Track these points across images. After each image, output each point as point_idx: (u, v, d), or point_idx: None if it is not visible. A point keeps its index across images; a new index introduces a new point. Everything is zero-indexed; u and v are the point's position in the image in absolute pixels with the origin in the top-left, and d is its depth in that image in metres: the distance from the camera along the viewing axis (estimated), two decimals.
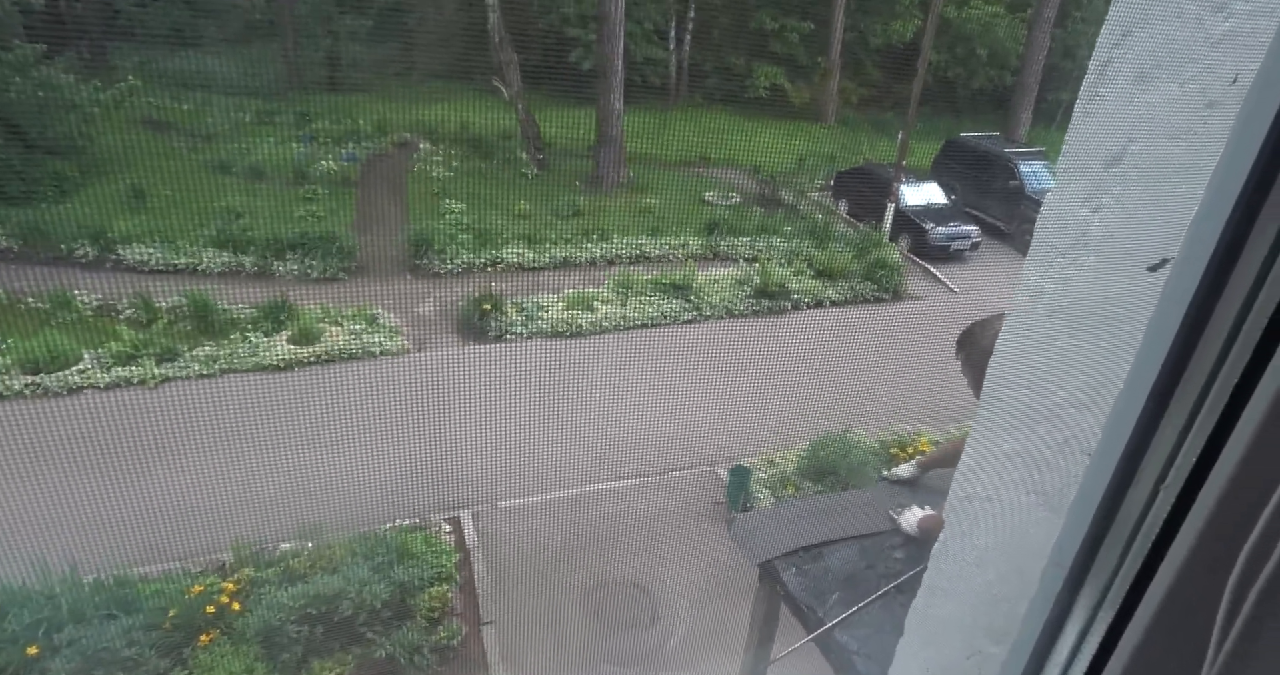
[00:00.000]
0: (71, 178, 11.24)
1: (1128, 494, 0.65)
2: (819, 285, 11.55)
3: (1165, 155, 0.65)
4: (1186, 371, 0.60)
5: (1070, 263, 0.74)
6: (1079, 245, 0.73)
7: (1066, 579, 0.69)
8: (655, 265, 11.71)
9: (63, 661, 4.73)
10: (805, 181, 15.64)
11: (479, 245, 11.42)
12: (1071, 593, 0.70)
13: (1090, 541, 0.68)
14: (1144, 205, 0.67)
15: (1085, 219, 0.72)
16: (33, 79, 11.02)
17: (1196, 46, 0.60)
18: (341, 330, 9.19)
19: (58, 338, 8.26)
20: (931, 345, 9.22)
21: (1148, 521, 0.62)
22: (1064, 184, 0.74)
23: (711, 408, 8.55)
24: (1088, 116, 0.71)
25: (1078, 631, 0.69)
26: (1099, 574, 0.67)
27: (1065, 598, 0.70)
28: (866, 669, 1.87)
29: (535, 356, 9.35)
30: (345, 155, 13.75)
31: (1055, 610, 0.71)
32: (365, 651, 5.24)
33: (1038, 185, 14.62)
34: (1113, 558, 0.65)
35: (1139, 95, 0.66)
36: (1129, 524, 0.64)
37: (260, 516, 6.34)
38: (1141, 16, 0.64)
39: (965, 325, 2.22)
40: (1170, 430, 0.61)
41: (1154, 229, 0.65)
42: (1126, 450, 0.64)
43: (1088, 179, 0.71)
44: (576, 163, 15.03)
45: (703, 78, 20.30)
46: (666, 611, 6.12)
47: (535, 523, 6.93)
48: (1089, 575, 0.68)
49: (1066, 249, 0.74)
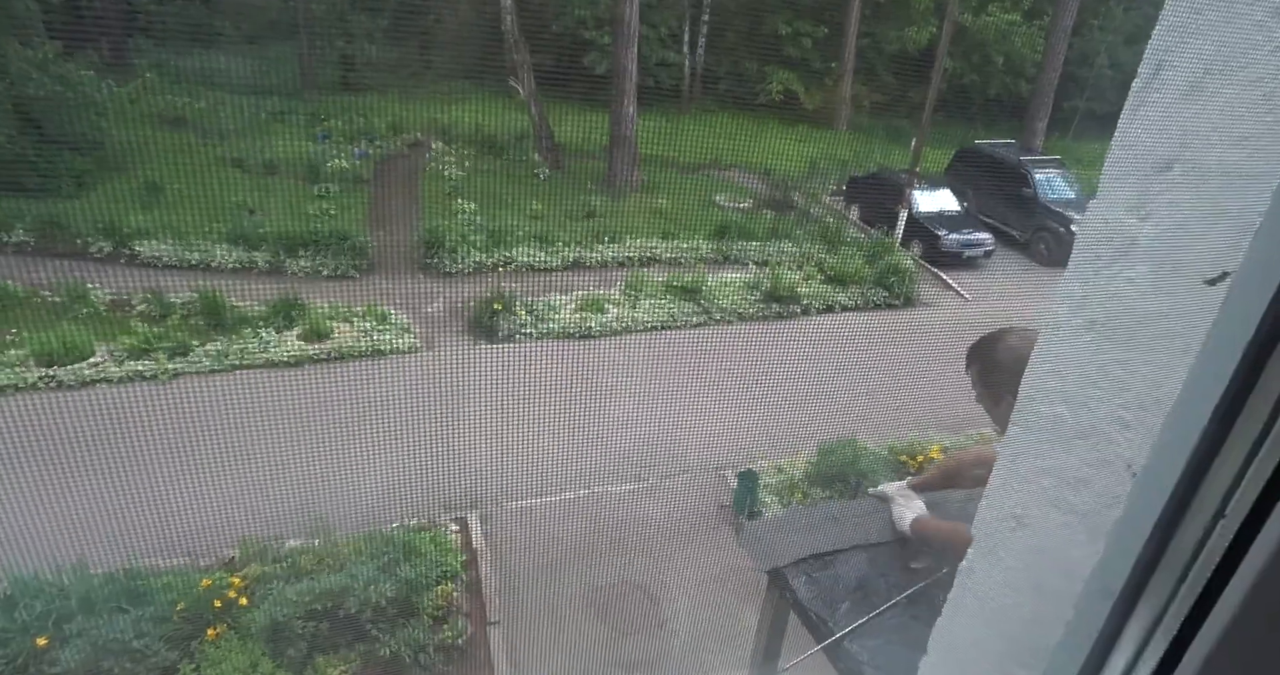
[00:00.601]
0: (88, 173, 11.32)
1: (1182, 522, 0.61)
2: (830, 290, 11.52)
3: (1223, 162, 0.62)
4: (1253, 393, 0.56)
5: (1116, 274, 0.70)
6: (1125, 255, 0.69)
7: (1113, 608, 0.66)
8: (666, 268, 11.70)
9: (72, 652, 4.76)
10: (817, 186, 15.60)
11: (491, 245, 11.44)
12: (1118, 623, 0.66)
13: (1139, 569, 0.64)
14: (1199, 214, 0.63)
15: (1133, 228, 0.69)
16: (52, 75, 11.14)
17: (1257, 51, 0.58)
18: (352, 328, 9.22)
19: (72, 331, 8.32)
20: (942, 352, 9.15)
21: (1204, 554, 0.59)
22: (1109, 191, 0.71)
23: (720, 411, 8.52)
24: (1136, 121, 0.68)
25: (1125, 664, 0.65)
26: (1149, 605, 0.64)
27: (1110, 627, 0.67)
28: None
29: (545, 357, 9.35)
30: (357, 153, 13.81)
31: (1100, 640, 0.67)
32: (370, 649, 5.24)
33: (1052, 194, 14.54)
34: (1165, 589, 0.62)
35: (1194, 100, 0.63)
36: (1184, 554, 0.61)
37: (268, 513, 6.35)
38: (1195, 20, 0.61)
39: (977, 333, 2.17)
40: (1233, 456, 0.57)
41: (1210, 239, 0.62)
42: (1183, 474, 0.61)
43: (1136, 186, 0.68)
44: (589, 164, 15.05)
45: (716, 82, 20.30)
46: (672, 616, 6.10)
47: (542, 524, 6.92)
48: (1138, 606, 0.65)
49: (1111, 259, 0.71)
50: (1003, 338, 2.04)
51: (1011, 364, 1.93)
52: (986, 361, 2.04)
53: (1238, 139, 0.60)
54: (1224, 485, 0.57)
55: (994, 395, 2.03)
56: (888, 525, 2.40)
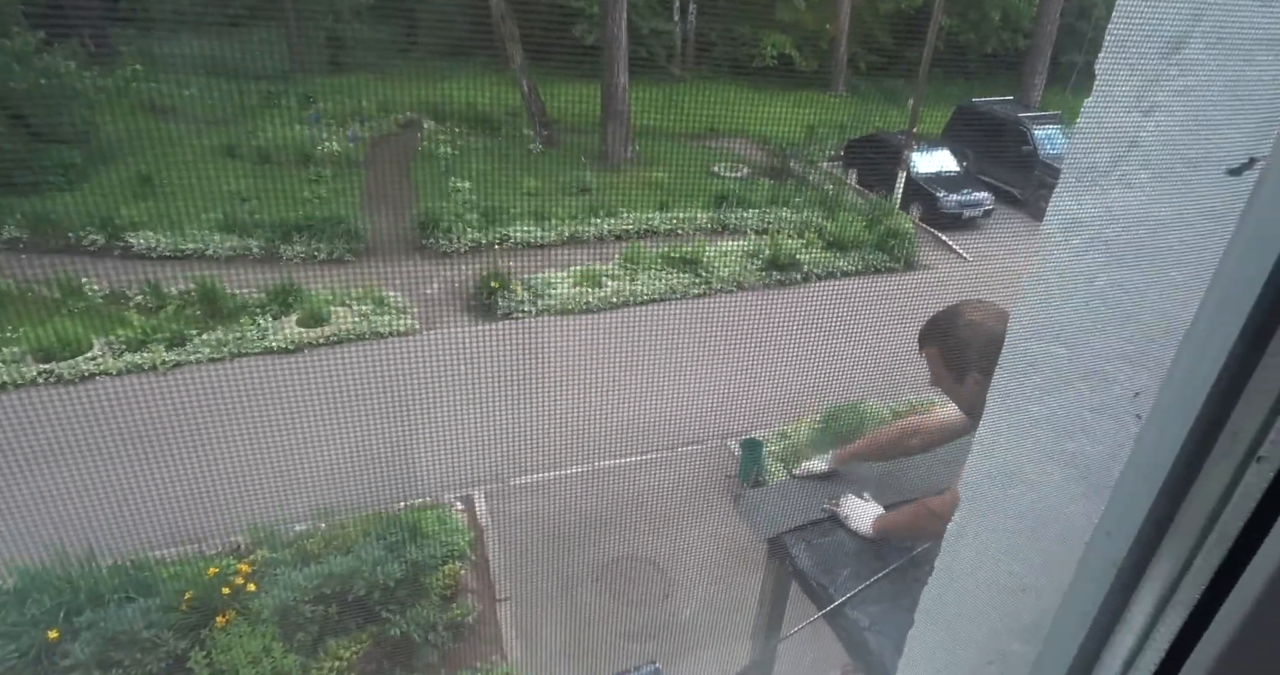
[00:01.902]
0: (77, 166, 11.20)
1: (1204, 468, 0.51)
2: (830, 256, 11.40)
3: (1247, 28, 0.51)
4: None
5: (1116, 181, 0.60)
6: (1126, 158, 0.59)
7: (1118, 574, 0.56)
8: (664, 239, 11.58)
9: (83, 644, 4.77)
10: (815, 152, 15.39)
11: (486, 224, 11.32)
12: (1124, 592, 0.56)
13: (1149, 529, 0.54)
14: (1217, 96, 0.53)
15: (1135, 124, 0.58)
16: (34, 67, 10.96)
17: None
18: (350, 312, 9.16)
19: (69, 326, 8.28)
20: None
21: (1233, 503, 0.48)
22: (1107, 86, 0.60)
23: (722, 381, 8.47)
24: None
25: (1136, 635, 0.55)
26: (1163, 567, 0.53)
27: (1115, 597, 0.57)
28: (878, 645, 1.81)
29: (544, 334, 9.29)
30: (350, 135, 13.64)
31: (1102, 612, 0.58)
32: (380, 630, 5.25)
33: (1052, 150, 14.32)
34: (1183, 548, 0.52)
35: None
36: (1206, 505, 0.50)
37: (274, 498, 6.35)
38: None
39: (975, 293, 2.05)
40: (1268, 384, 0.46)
41: (1232, 124, 0.51)
42: (1201, 414, 0.50)
43: (1139, 74, 0.57)
44: (583, 138, 14.85)
45: (709, 49, 19.94)
46: (679, 587, 6.10)
47: (547, 500, 6.92)
48: (1148, 572, 0.55)
49: (1110, 165, 0.60)
50: (960, 313, 1.90)
51: (974, 338, 1.83)
52: (946, 339, 1.92)
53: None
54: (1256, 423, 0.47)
55: (957, 375, 1.91)
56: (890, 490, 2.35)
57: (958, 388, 1.93)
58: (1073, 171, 0.62)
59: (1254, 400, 0.47)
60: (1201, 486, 0.51)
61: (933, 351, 1.98)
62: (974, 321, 1.85)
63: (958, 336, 1.88)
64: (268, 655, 4.85)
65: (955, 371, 1.90)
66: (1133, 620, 0.56)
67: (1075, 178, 0.62)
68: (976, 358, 1.82)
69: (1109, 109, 0.59)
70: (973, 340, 1.82)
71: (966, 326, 1.86)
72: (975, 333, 1.83)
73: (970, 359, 1.83)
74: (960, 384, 1.91)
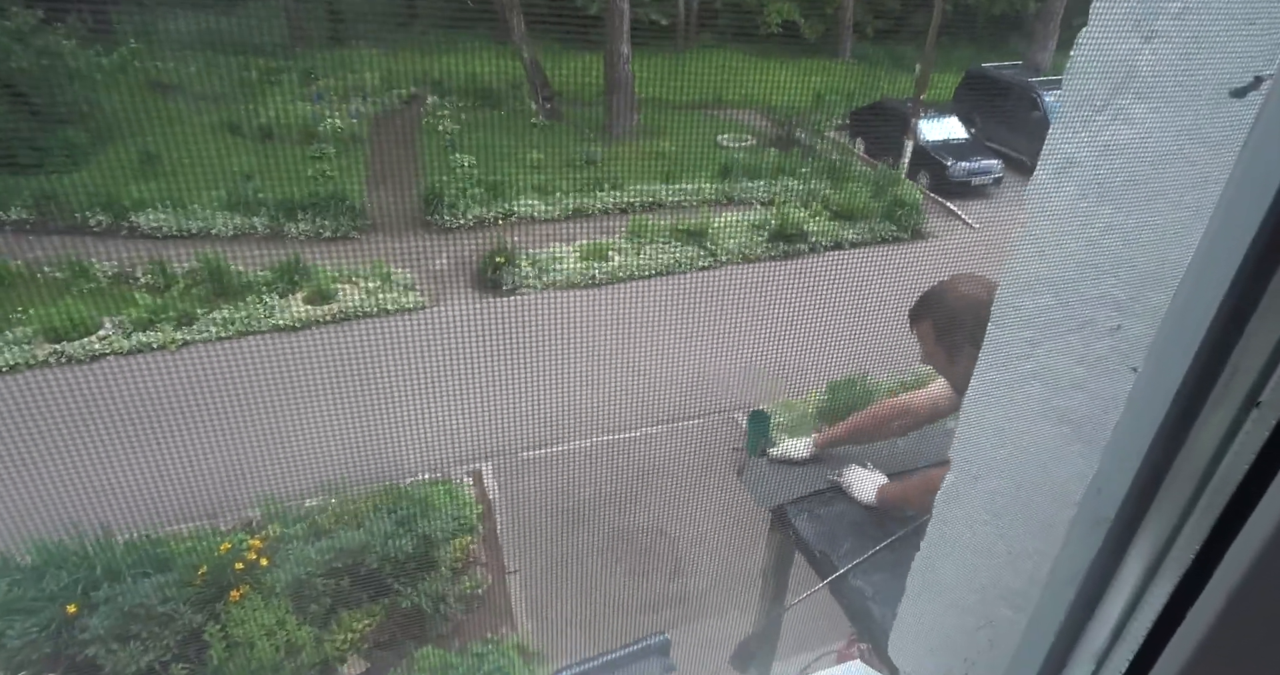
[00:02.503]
0: (81, 145, 11.17)
1: (1199, 418, 0.47)
2: (837, 226, 11.29)
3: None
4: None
5: (1113, 116, 0.55)
6: (1124, 89, 0.54)
7: (1109, 532, 0.53)
8: (670, 212, 11.49)
9: (100, 618, 4.85)
10: (821, 120, 15.18)
11: (491, 198, 11.26)
12: (1116, 550, 0.53)
13: (1143, 483, 0.51)
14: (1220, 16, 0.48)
15: (1133, 52, 0.53)
16: (34, 46, 10.89)
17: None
18: (356, 288, 9.16)
19: (77, 306, 8.31)
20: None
21: (1229, 456, 0.45)
22: (1103, 13, 0.55)
23: (730, 354, 8.45)
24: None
25: (1125, 600, 0.52)
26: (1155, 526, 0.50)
27: (1107, 555, 0.54)
28: (882, 615, 1.80)
29: (551, 308, 9.28)
30: (351, 112, 13.53)
31: (1093, 571, 0.54)
32: (392, 602, 5.32)
33: None
34: (1176, 505, 0.48)
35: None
36: (1201, 460, 0.47)
37: (285, 474, 6.41)
38: None
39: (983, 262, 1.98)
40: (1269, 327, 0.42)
41: (1237, 43, 0.47)
42: (1196, 360, 0.47)
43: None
44: (587, 110, 14.68)
45: (714, 16, 19.59)
46: (689, 559, 6.15)
47: (556, 473, 6.95)
48: (1141, 527, 0.51)
49: (1107, 99, 0.55)
50: (953, 286, 1.83)
51: (966, 313, 1.76)
52: (939, 314, 1.85)
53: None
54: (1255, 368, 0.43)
55: (949, 351, 1.84)
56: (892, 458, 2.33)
57: (950, 365, 1.88)
58: (1067, 108, 0.58)
59: (1253, 342, 0.43)
60: (1196, 437, 0.47)
61: (924, 328, 1.91)
62: (966, 295, 1.79)
63: (950, 311, 1.82)
64: (282, 628, 4.93)
65: (947, 348, 1.85)
66: (1123, 583, 0.53)
67: (1071, 115, 0.58)
68: (970, 333, 1.76)
69: (1107, 36, 0.55)
70: (965, 315, 1.76)
71: (959, 299, 1.80)
72: (968, 307, 1.77)
73: (963, 334, 1.77)
74: (953, 362, 1.85)
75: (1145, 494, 0.50)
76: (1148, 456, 0.49)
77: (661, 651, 2.54)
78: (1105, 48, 0.54)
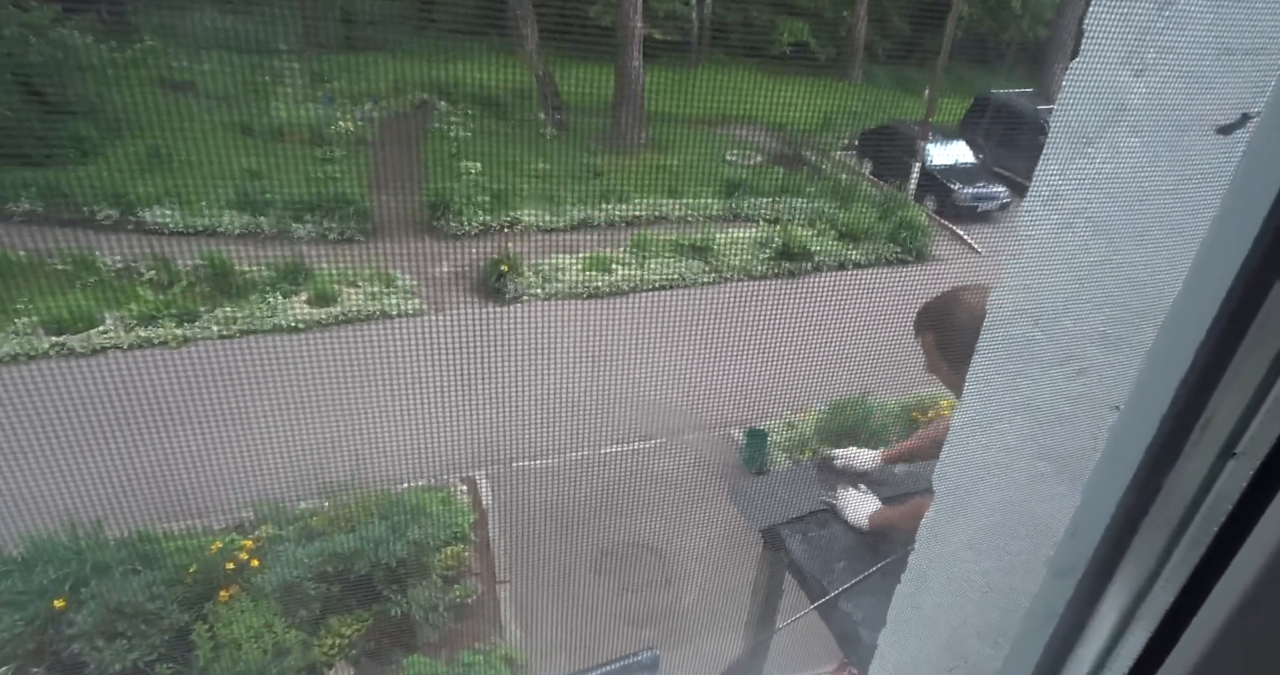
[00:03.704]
0: (91, 139, 11.23)
1: (1177, 463, 0.46)
2: (841, 246, 11.31)
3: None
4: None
5: (1102, 149, 0.55)
6: (1114, 122, 0.54)
7: (1087, 571, 0.52)
8: (675, 226, 11.51)
9: (87, 614, 4.83)
10: (829, 140, 15.24)
11: (496, 206, 11.29)
12: (1094, 590, 0.52)
13: (1120, 525, 0.50)
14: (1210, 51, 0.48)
15: (1124, 86, 0.53)
16: (50, 40, 10.97)
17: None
18: (359, 291, 9.17)
19: (81, 299, 8.33)
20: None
21: (1208, 503, 0.44)
22: (1094, 44, 0.55)
23: (730, 370, 8.44)
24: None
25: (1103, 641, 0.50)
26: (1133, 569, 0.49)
27: (1085, 596, 0.53)
28: (871, 639, 1.79)
29: (552, 318, 9.28)
30: (360, 115, 13.61)
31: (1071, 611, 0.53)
32: (382, 609, 5.29)
33: None
34: (1154, 549, 0.47)
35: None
36: (1180, 504, 0.46)
37: (279, 475, 6.39)
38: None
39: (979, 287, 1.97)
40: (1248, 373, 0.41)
41: (1226, 79, 0.47)
42: (1173, 406, 0.46)
43: (1129, 30, 0.53)
44: (596, 122, 14.75)
45: (726, 34, 19.72)
46: (680, 574, 6.11)
47: (551, 483, 6.93)
48: (1119, 569, 0.50)
49: (1098, 131, 0.55)
50: (958, 297, 1.82)
51: (971, 323, 1.76)
52: (943, 325, 1.84)
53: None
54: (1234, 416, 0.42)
55: (953, 362, 1.84)
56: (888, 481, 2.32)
57: (954, 376, 1.88)
58: (1057, 140, 0.58)
59: (1232, 389, 0.43)
60: (1174, 484, 0.47)
61: (928, 338, 1.91)
62: (972, 304, 1.79)
63: (954, 321, 1.81)
64: (269, 630, 4.89)
65: (951, 358, 1.85)
66: (1098, 629, 0.52)
67: (1060, 147, 0.57)
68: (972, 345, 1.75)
69: (1099, 68, 0.55)
70: (970, 325, 1.76)
71: (965, 310, 1.80)
72: (973, 317, 1.77)
73: (967, 345, 1.77)
74: (956, 372, 1.85)
75: (1122, 540, 0.50)
76: (1123, 501, 0.48)
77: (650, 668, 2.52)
78: (1096, 81, 0.54)
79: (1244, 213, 0.40)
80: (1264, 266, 0.41)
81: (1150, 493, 0.48)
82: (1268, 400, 0.41)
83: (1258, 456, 0.41)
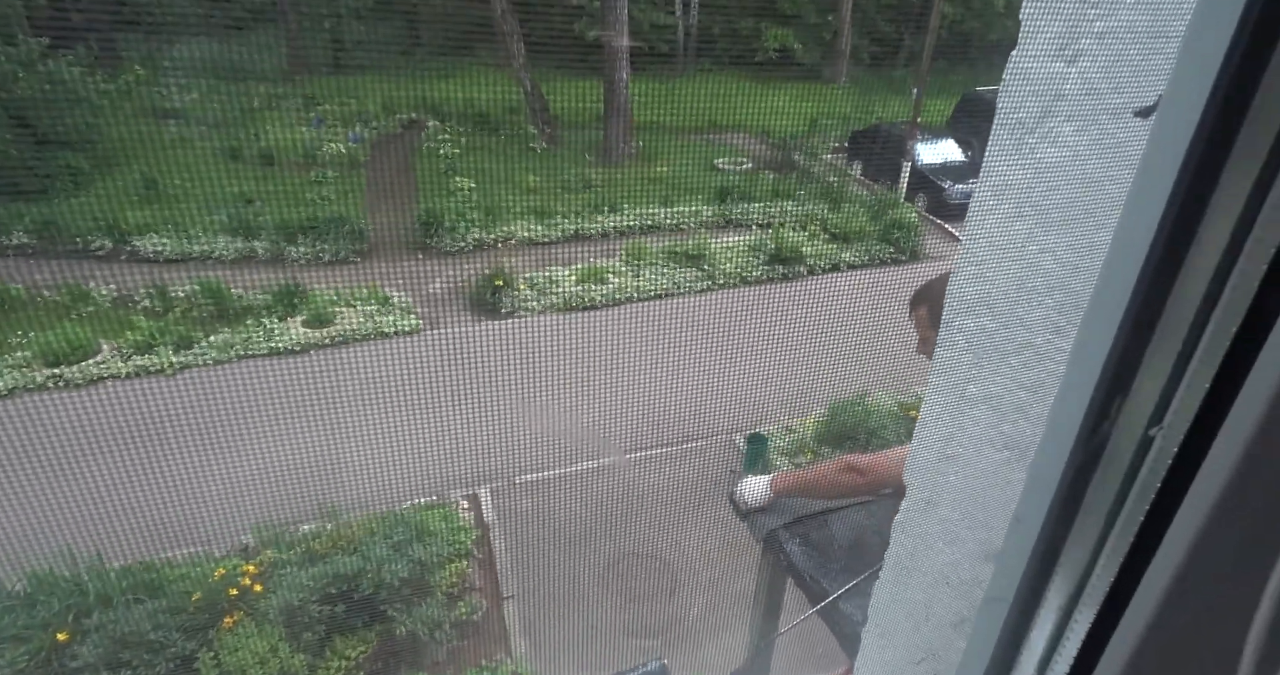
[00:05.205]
0: (83, 171, 11.26)
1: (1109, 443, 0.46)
2: (834, 248, 11.34)
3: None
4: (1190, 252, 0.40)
5: (1042, 138, 0.55)
6: (1051, 112, 0.55)
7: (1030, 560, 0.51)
8: (668, 235, 11.55)
9: (91, 646, 4.80)
10: (818, 144, 15.31)
11: (489, 221, 11.32)
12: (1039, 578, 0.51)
13: (1060, 510, 0.49)
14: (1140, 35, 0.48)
15: (1059, 75, 0.54)
16: (39, 73, 11.02)
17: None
18: (354, 312, 9.17)
19: (76, 330, 8.32)
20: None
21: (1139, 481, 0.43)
22: (1030, 35, 0.56)
23: (728, 376, 8.44)
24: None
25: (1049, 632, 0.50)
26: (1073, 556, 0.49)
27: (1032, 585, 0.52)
28: None
29: (549, 331, 9.29)
30: (352, 136, 13.66)
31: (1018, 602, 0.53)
32: (387, 628, 5.26)
33: None
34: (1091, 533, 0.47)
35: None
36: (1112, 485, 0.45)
37: (281, 499, 6.37)
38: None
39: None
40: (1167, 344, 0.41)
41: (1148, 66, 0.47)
42: (1103, 379, 0.45)
43: (1062, 19, 0.53)
44: (585, 135, 14.82)
45: (711, 42, 19.85)
46: (686, 583, 6.08)
47: (552, 497, 6.91)
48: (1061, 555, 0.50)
49: (1037, 120, 0.56)
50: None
51: None
52: (936, 295, 1.83)
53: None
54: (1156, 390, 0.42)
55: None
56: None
57: None
58: (1001, 130, 0.58)
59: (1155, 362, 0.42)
60: (1106, 465, 0.46)
61: (921, 312, 1.90)
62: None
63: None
64: (275, 655, 4.86)
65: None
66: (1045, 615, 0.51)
67: (1004, 137, 0.58)
68: None
69: (1035, 58, 0.55)
70: None
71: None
72: None
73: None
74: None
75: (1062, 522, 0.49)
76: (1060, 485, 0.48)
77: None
78: (1033, 69, 0.55)
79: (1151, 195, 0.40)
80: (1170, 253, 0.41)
81: (1084, 476, 0.48)
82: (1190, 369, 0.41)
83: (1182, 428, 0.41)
